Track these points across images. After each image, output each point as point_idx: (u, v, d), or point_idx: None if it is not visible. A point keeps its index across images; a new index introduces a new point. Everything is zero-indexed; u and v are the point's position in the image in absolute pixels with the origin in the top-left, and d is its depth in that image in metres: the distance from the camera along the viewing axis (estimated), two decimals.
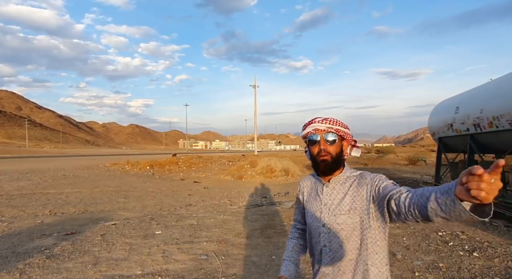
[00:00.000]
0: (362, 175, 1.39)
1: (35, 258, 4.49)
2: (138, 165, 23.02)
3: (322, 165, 1.38)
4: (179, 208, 8.49)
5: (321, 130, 1.39)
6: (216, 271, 4.08)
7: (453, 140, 8.93)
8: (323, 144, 1.38)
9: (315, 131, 1.40)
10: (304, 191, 1.57)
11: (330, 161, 1.37)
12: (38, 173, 18.41)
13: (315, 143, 1.40)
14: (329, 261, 1.36)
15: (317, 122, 1.40)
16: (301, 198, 1.58)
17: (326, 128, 1.39)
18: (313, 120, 1.42)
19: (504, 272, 3.92)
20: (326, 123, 1.39)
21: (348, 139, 1.45)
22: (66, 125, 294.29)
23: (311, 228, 1.45)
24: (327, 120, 1.40)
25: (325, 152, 1.37)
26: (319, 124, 1.39)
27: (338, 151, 1.39)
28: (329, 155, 1.37)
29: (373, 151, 51.58)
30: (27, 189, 11.88)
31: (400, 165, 25.59)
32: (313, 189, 1.49)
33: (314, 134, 1.40)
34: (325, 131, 1.39)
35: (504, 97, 6.23)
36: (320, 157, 1.38)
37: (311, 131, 1.41)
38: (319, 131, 1.39)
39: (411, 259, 4.44)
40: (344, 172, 1.42)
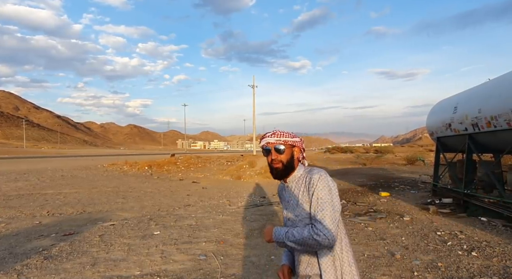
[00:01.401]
0: (309, 174, 1.56)
1: (33, 259, 4.47)
2: (136, 165, 22.98)
3: (275, 171, 1.62)
4: (178, 208, 8.47)
5: (271, 143, 1.61)
6: (215, 271, 4.07)
7: (451, 140, 8.95)
8: (274, 154, 1.60)
9: (267, 144, 1.62)
10: (280, 192, 1.77)
11: (281, 168, 1.60)
12: (36, 173, 18.36)
13: (268, 154, 1.62)
14: (298, 250, 1.58)
15: (267, 137, 1.63)
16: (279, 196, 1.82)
17: (275, 141, 1.60)
18: (264, 135, 1.66)
19: (503, 271, 3.93)
20: (275, 137, 1.61)
21: (298, 146, 1.65)
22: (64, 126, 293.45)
23: (285, 222, 1.69)
24: (275, 134, 1.62)
25: (277, 161, 1.59)
26: (269, 138, 1.62)
27: (288, 158, 1.61)
28: (280, 163, 1.59)
29: (371, 151, 51.66)
30: (25, 190, 11.83)
31: (399, 165, 25.63)
32: (282, 190, 1.73)
33: (266, 147, 1.62)
34: (275, 143, 1.60)
35: (502, 97, 6.24)
36: (273, 165, 1.61)
37: (264, 144, 1.64)
38: (270, 144, 1.61)
39: (410, 259, 4.44)
40: (296, 172, 1.63)
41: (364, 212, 7.72)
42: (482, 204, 7.05)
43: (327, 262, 1.50)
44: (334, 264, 1.49)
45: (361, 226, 6.33)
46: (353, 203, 8.97)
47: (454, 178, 8.96)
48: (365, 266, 4.21)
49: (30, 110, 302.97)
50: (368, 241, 5.30)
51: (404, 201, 9.16)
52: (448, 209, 7.79)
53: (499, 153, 7.59)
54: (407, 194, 10.55)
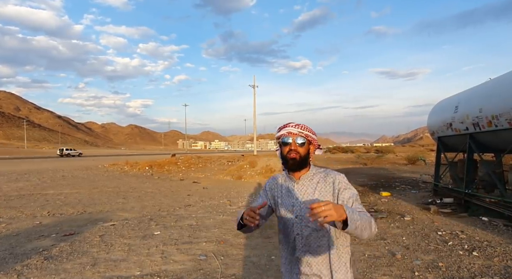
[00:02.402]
0: (327, 172, 1.63)
1: (33, 259, 4.47)
2: (137, 165, 22.99)
3: (291, 162, 1.58)
4: (178, 208, 8.47)
5: (293, 133, 1.60)
6: (215, 271, 4.06)
7: (452, 140, 8.93)
8: (294, 145, 1.59)
9: (288, 134, 1.60)
10: (272, 189, 1.73)
11: (298, 159, 1.58)
12: (36, 174, 18.38)
13: (287, 144, 1.61)
14: (302, 247, 1.57)
15: (291, 126, 1.61)
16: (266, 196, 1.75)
17: (297, 132, 1.60)
18: (287, 124, 1.64)
19: (504, 271, 3.92)
20: (298, 128, 1.61)
21: (315, 144, 1.67)
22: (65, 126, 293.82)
23: (285, 220, 1.64)
24: (299, 126, 1.61)
25: (295, 152, 1.58)
26: (292, 128, 1.61)
27: (305, 153, 1.61)
28: (298, 154, 1.58)
29: (372, 151, 51.62)
30: (26, 190, 11.84)
31: (400, 164, 25.60)
32: (284, 187, 1.68)
33: (287, 136, 1.61)
34: (297, 135, 1.60)
35: (503, 96, 6.23)
36: (290, 155, 1.59)
37: (284, 133, 1.61)
38: (291, 134, 1.60)
39: (410, 259, 4.43)
40: (311, 170, 1.64)
41: None
42: (483, 204, 7.03)
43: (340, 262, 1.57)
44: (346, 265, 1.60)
45: None
46: None
47: (455, 178, 8.93)
48: (365, 266, 4.20)
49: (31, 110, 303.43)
50: (368, 241, 5.28)
51: (405, 201, 9.15)
52: (449, 209, 7.77)
53: (500, 153, 7.57)
54: (408, 194, 10.53)
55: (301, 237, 1.57)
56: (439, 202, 8.53)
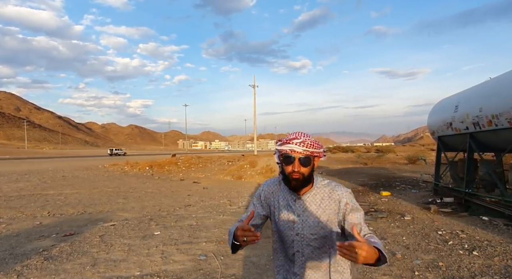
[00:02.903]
0: (332, 188, 1.49)
1: (33, 259, 4.47)
2: (137, 165, 23.00)
3: (294, 183, 1.43)
4: (178, 208, 8.47)
5: (297, 152, 1.41)
6: (215, 271, 4.06)
7: (452, 139, 8.92)
8: (298, 166, 1.41)
9: (291, 152, 1.42)
10: (268, 198, 1.57)
11: (301, 180, 1.42)
12: (36, 174, 18.38)
13: (289, 164, 1.42)
14: (301, 265, 1.48)
15: (294, 144, 1.42)
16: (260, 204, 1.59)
17: (302, 151, 1.41)
18: (290, 140, 1.43)
19: (504, 271, 3.91)
20: (303, 147, 1.41)
21: (320, 156, 1.49)
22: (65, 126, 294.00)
23: (283, 234, 1.51)
24: (304, 144, 1.41)
25: (298, 173, 1.41)
26: (296, 147, 1.41)
27: (309, 171, 1.44)
28: (301, 175, 1.41)
29: (372, 151, 51.60)
30: (26, 190, 11.85)
31: (400, 164, 25.59)
32: (282, 200, 1.52)
33: (289, 155, 1.42)
34: (301, 154, 1.42)
35: (503, 96, 6.22)
36: (293, 175, 1.42)
37: (287, 150, 1.43)
38: (295, 153, 1.42)
39: (410, 259, 4.43)
40: (315, 185, 1.49)
41: (365, 212, 7.69)
42: (484, 203, 7.03)
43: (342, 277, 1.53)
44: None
45: None
46: None
47: (455, 177, 8.93)
48: (365, 265, 4.20)
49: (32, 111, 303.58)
50: None
51: (405, 201, 9.14)
52: (449, 209, 7.76)
53: (500, 152, 7.57)
54: (408, 194, 10.53)
55: (301, 255, 1.48)
56: (440, 202, 8.53)
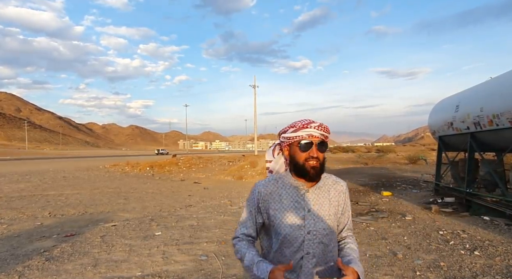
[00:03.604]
0: (335, 179, 1.46)
1: (34, 260, 4.47)
2: (138, 166, 23.00)
3: (313, 172, 1.33)
4: (179, 209, 8.47)
5: (315, 136, 1.34)
6: (216, 271, 4.06)
7: (453, 139, 8.92)
8: (316, 151, 1.33)
9: (309, 137, 1.34)
10: (266, 200, 1.39)
11: (319, 168, 1.34)
12: (37, 175, 18.39)
13: (307, 150, 1.33)
14: (311, 268, 1.33)
15: (312, 128, 1.34)
16: (258, 211, 1.42)
17: (319, 135, 1.35)
18: (307, 124, 1.35)
19: (506, 270, 3.91)
20: (321, 130, 1.35)
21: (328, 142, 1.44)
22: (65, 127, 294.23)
23: (289, 238, 1.34)
24: (322, 127, 1.35)
25: (316, 159, 1.33)
26: (314, 131, 1.34)
27: (324, 158, 1.38)
28: (318, 162, 1.34)
29: (373, 151, 51.57)
30: (27, 191, 11.85)
31: (401, 164, 25.58)
32: (286, 197, 1.38)
33: (307, 140, 1.34)
34: (319, 139, 1.35)
35: (504, 95, 6.21)
36: (310, 163, 1.32)
37: (304, 135, 1.34)
38: (313, 138, 1.34)
39: (412, 259, 4.42)
40: (323, 177, 1.42)
41: (366, 212, 7.70)
42: (485, 203, 7.02)
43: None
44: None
45: (363, 225, 6.31)
46: (355, 203, 8.94)
47: (456, 177, 8.92)
48: (367, 265, 4.19)
49: (32, 111, 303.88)
50: (370, 241, 5.28)
51: (406, 201, 9.13)
52: (451, 208, 7.76)
53: (501, 152, 7.56)
54: (409, 194, 10.52)
55: (312, 256, 1.33)
56: (440, 202, 8.52)
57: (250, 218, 1.45)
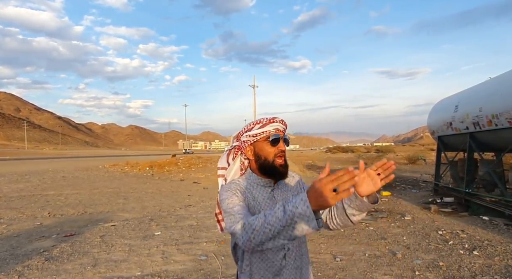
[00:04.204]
0: (291, 174, 1.42)
1: (34, 260, 4.47)
2: (137, 166, 22.98)
3: (282, 169, 1.31)
4: (179, 208, 8.47)
5: (280, 131, 1.33)
6: (216, 271, 4.07)
7: (452, 139, 8.93)
8: (283, 146, 1.32)
9: (276, 131, 1.31)
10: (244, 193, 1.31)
11: (286, 163, 1.33)
12: (37, 175, 18.38)
13: (276, 144, 1.31)
14: (292, 263, 1.30)
15: (278, 122, 1.32)
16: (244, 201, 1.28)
17: (283, 129, 1.35)
18: (273, 119, 1.33)
19: (504, 270, 3.92)
20: (284, 125, 1.35)
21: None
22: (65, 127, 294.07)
23: None
24: (284, 122, 1.35)
25: (283, 155, 1.32)
26: (280, 125, 1.33)
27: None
28: (284, 158, 1.33)
29: (372, 151, 51.61)
30: (26, 191, 11.85)
31: (400, 164, 25.59)
32: (257, 195, 1.31)
33: (276, 134, 1.31)
34: (283, 133, 1.34)
35: (503, 96, 6.23)
36: (279, 160, 1.30)
37: (271, 130, 1.31)
38: (279, 132, 1.32)
39: (411, 258, 4.43)
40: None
41: None
42: (484, 203, 7.03)
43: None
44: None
45: (362, 225, 6.32)
46: None
47: (455, 177, 8.94)
48: (366, 265, 4.20)
49: (32, 111, 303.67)
50: (369, 241, 5.29)
51: (405, 201, 9.14)
52: (450, 208, 7.77)
53: (500, 152, 7.57)
54: (409, 194, 10.53)
55: (291, 251, 1.30)
56: (440, 202, 8.53)
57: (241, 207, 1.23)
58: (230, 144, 1.46)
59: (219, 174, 1.45)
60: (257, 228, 1.03)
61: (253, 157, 1.35)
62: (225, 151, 1.46)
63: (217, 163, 1.47)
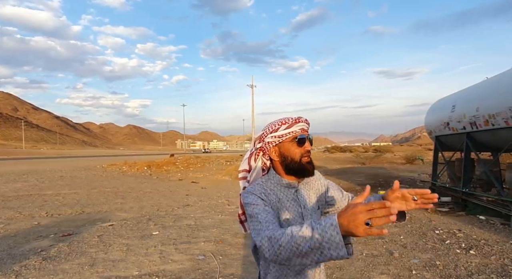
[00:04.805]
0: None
1: (31, 259, 4.46)
2: (135, 165, 22.96)
3: (310, 166, 1.31)
4: (177, 208, 8.47)
5: (305, 130, 1.34)
6: (214, 271, 4.07)
7: (449, 139, 8.97)
8: (309, 146, 1.32)
9: (301, 131, 1.32)
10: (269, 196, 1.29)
11: (311, 161, 1.33)
12: (34, 174, 18.33)
13: (303, 144, 1.31)
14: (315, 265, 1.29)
15: (303, 122, 1.32)
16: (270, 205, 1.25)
17: (307, 129, 1.35)
18: (298, 119, 1.33)
19: (501, 269, 3.94)
20: (308, 124, 1.35)
21: None
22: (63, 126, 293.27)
23: None
24: (308, 122, 1.36)
25: (309, 154, 1.32)
26: (305, 125, 1.33)
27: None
28: (309, 156, 1.33)
29: (370, 151, 51.71)
30: (24, 191, 11.82)
31: (398, 164, 25.66)
32: (281, 196, 1.30)
33: (302, 135, 1.31)
34: (307, 132, 1.35)
35: (500, 96, 6.26)
36: (306, 159, 1.30)
37: (297, 130, 1.31)
38: (305, 132, 1.33)
39: (408, 258, 4.45)
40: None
41: None
42: (481, 203, 7.07)
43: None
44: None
45: None
46: None
47: (452, 177, 8.97)
48: (363, 265, 4.22)
49: (29, 111, 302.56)
50: (366, 240, 5.31)
51: None
52: (447, 208, 7.80)
53: (497, 152, 7.61)
54: None
55: None
56: (437, 201, 8.56)
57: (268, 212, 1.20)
58: (252, 146, 1.44)
59: (241, 176, 1.45)
60: (283, 244, 0.99)
61: (278, 158, 1.33)
62: (246, 154, 1.44)
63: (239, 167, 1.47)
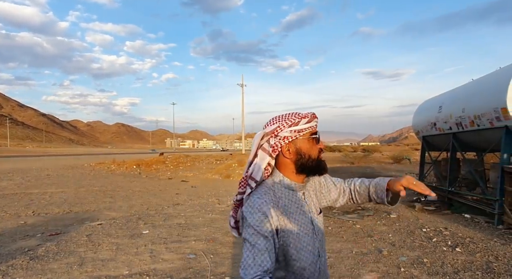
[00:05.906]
0: None
1: (18, 259, 4.38)
2: (124, 164, 22.70)
3: (324, 164, 1.22)
4: (167, 207, 8.42)
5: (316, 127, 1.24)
6: (205, 270, 4.07)
7: (436, 139, 9.14)
8: (322, 143, 1.23)
9: (316, 127, 1.21)
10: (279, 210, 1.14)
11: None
12: (20, 173, 17.94)
13: (318, 141, 1.21)
14: (324, 269, 1.23)
15: (317, 118, 1.21)
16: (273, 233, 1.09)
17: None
18: (314, 114, 1.20)
19: (485, 266, 4.05)
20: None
21: None
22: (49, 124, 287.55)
23: (306, 249, 1.15)
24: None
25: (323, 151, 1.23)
26: (317, 121, 1.22)
27: None
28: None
29: (359, 150, 52.26)
30: (9, 190, 11.56)
31: (385, 163, 26.02)
32: (292, 203, 1.18)
33: (316, 132, 1.21)
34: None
35: (485, 97, 6.41)
36: (320, 156, 1.20)
37: (314, 126, 1.19)
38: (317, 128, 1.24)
39: (396, 255, 4.53)
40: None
41: (352, 210, 7.82)
42: (466, 201, 7.24)
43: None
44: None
45: (349, 223, 6.42)
46: None
47: (438, 176, 9.15)
48: (353, 262, 4.28)
49: (14, 108, 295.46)
50: (356, 238, 5.38)
51: None
52: (433, 207, 7.96)
53: (481, 152, 7.80)
54: None
55: (323, 259, 1.22)
56: (424, 200, 8.72)
57: (267, 247, 1.06)
58: (257, 144, 1.20)
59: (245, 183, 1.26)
60: None
61: (293, 156, 1.17)
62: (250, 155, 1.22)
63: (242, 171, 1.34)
